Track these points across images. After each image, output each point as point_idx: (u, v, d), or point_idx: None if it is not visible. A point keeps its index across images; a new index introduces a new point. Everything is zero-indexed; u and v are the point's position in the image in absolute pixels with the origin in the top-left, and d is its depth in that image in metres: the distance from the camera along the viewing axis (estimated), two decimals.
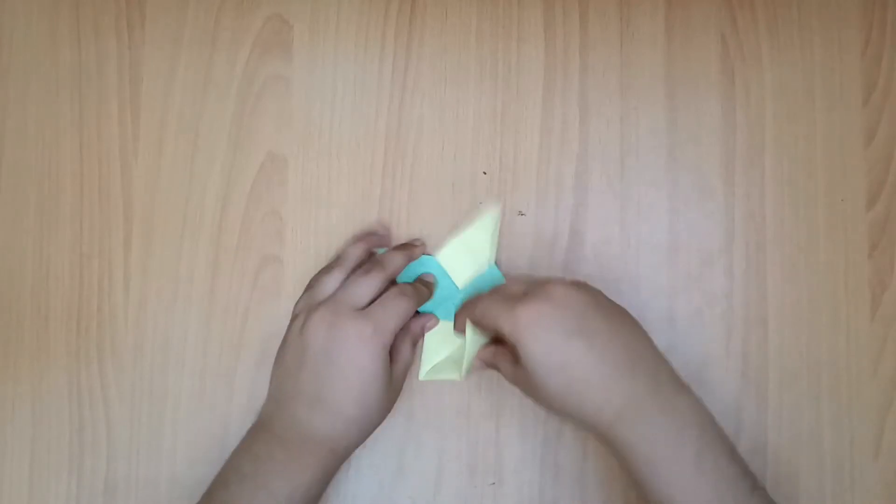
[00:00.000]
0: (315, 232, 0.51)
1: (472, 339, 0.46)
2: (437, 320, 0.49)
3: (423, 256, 0.50)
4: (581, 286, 0.42)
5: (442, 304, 0.49)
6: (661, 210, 0.51)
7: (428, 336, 0.49)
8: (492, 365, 0.46)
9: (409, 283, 0.47)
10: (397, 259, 0.47)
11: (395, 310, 0.44)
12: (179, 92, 0.52)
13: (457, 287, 0.49)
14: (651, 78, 0.52)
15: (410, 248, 0.49)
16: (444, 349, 0.49)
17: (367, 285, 0.44)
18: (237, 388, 0.50)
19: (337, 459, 0.44)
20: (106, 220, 0.51)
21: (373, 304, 0.44)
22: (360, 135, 0.52)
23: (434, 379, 0.49)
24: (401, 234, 0.51)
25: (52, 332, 0.51)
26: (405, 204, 0.51)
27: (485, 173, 0.52)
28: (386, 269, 0.46)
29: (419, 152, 0.52)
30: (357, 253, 0.48)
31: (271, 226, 0.51)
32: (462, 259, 0.50)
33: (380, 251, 0.50)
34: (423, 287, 0.48)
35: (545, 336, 0.40)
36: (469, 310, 0.45)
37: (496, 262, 0.50)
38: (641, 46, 0.52)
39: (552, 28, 0.52)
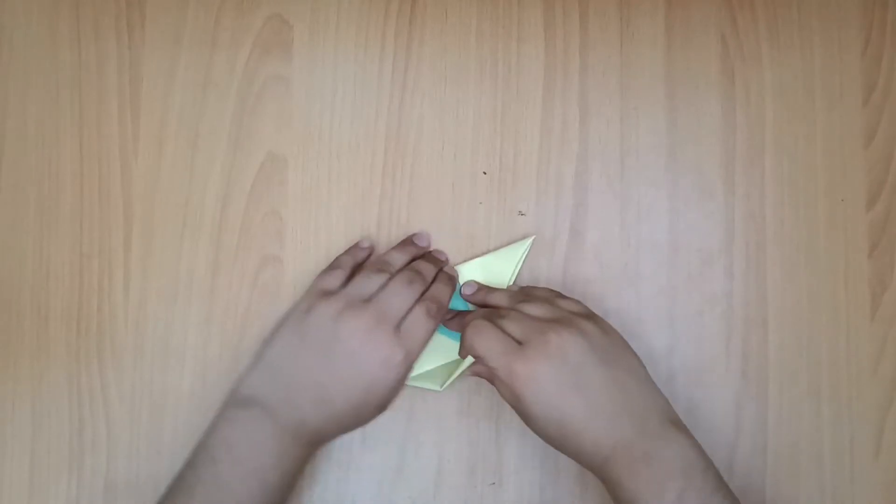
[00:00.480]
0: (315, 232, 0.51)
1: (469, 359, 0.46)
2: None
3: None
4: (578, 329, 0.42)
5: (448, 319, 0.49)
6: (661, 210, 0.51)
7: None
8: (489, 380, 0.45)
9: (435, 301, 0.46)
10: (432, 271, 0.48)
11: (424, 334, 0.44)
12: (179, 92, 0.52)
13: (466, 306, 0.49)
14: (651, 78, 0.52)
15: (439, 262, 0.49)
16: (437, 359, 0.48)
17: (407, 298, 0.44)
18: None
19: (316, 450, 0.45)
20: (106, 220, 0.51)
21: (406, 325, 0.44)
22: (360, 135, 0.52)
23: (414, 385, 0.48)
24: (400, 234, 0.51)
25: (52, 332, 0.51)
26: (405, 204, 0.51)
27: (485, 173, 0.52)
28: (426, 281, 0.46)
29: (419, 152, 0.52)
30: (402, 260, 0.48)
31: (271, 226, 0.51)
32: (481, 279, 0.50)
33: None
34: (445, 297, 0.47)
35: (542, 393, 0.41)
36: (469, 343, 0.44)
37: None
38: (641, 46, 0.52)
39: (552, 28, 0.52)
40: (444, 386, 0.47)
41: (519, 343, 0.42)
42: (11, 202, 0.52)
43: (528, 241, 0.50)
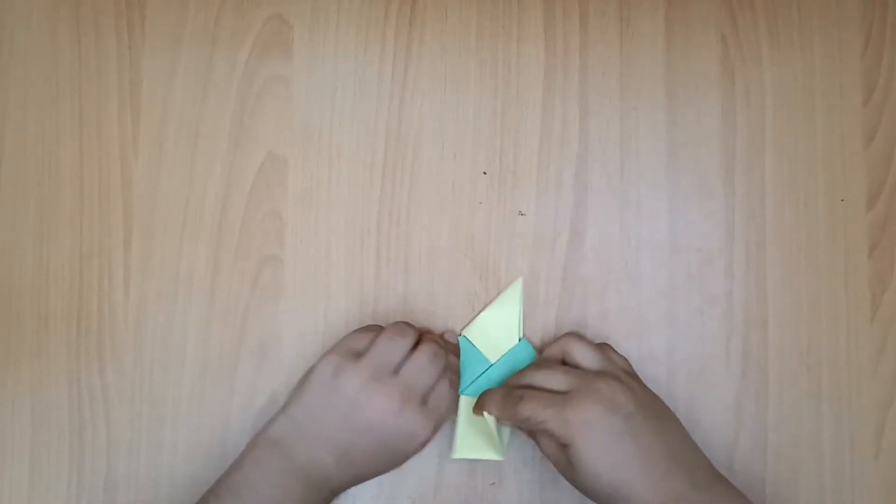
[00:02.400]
0: (315, 232, 0.51)
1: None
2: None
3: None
4: (623, 382, 0.43)
5: (475, 380, 0.49)
6: (661, 210, 0.51)
7: (462, 410, 0.48)
8: (532, 436, 0.45)
9: (455, 372, 0.47)
10: (441, 343, 0.47)
11: (448, 405, 0.45)
12: (179, 92, 0.52)
13: (489, 360, 0.49)
14: (651, 78, 0.52)
15: (440, 338, 0.49)
16: (479, 424, 0.48)
17: (433, 373, 0.44)
18: (237, 388, 0.50)
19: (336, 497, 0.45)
20: (106, 220, 0.51)
21: (433, 399, 0.44)
22: (360, 135, 0.52)
23: (471, 458, 0.48)
24: (400, 234, 0.51)
25: (52, 332, 0.51)
26: (405, 204, 0.51)
27: (485, 173, 0.52)
28: (449, 356, 0.46)
29: (419, 152, 0.52)
30: (414, 332, 0.46)
31: (271, 226, 0.51)
32: (491, 333, 0.50)
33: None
34: (458, 366, 0.48)
35: (597, 439, 0.40)
36: (513, 412, 0.43)
37: (525, 336, 0.50)
38: (641, 46, 0.52)
39: (552, 28, 0.52)
40: (504, 452, 0.48)
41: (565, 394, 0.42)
42: (11, 202, 0.52)
43: (519, 284, 0.50)
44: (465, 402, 0.48)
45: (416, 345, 0.45)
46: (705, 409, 0.49)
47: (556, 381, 0.43)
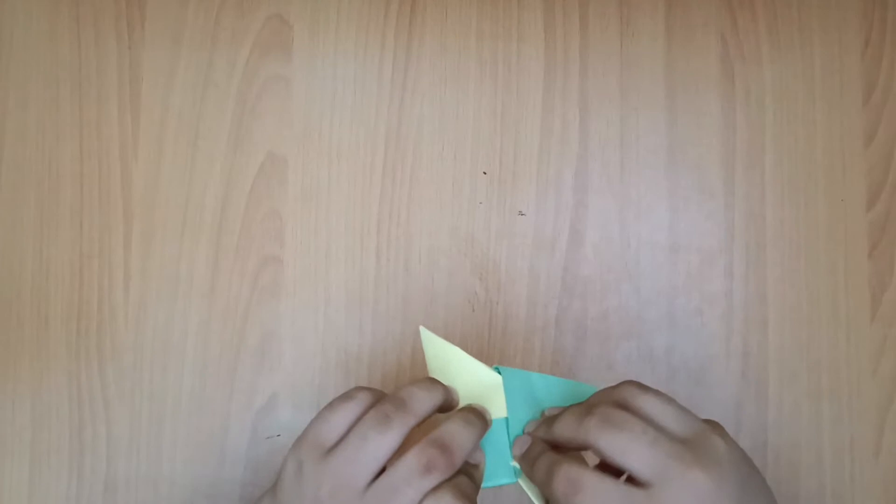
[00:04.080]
0: (315, 232, 0.51)
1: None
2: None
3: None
4: (725, 460, 0.32)
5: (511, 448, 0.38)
6: (661, 210, 0.51)
7: (527, 488, 0.37)
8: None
9: (461, 496, 0.33)
10: (467, 444, 0.35)
11: None
12: (179, 92, 0.52)
13: (502, 418, 0.38)
14: (651, 78, 0.52)
15: (481, 422, 0.37)
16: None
17: (419, 491, 0.33)
18: (237, 388, 0.50)
19: None
20: (106, 220, 0.51)
21: None
22: (360, 135, 0.52)
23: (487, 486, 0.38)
24: (400, 234, 0.51)
25: (52, 332, 0.51)
26: (405, 204, 0.51)
27: (485, 173, 0.52)
28: (454, 465, 0.34)
29: (419, 152, 0.52)
30: (424, 407, 0.35)
31: (271, 226, 0.51)
32: (472, 393, 0.38)
33: None
34: (474, 492, 0.36)
35: None
36: (570, 495, 0.32)
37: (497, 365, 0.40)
38: (641, 46, 0.52)
39: (552, 28, 0.52)
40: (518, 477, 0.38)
41: (644, 484, 0.31)
42: (11, 202, 0.52)
43: (426, 332, 0.40)
44: (525, 482, 0.37)
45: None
46: (705, 409, 0.49)
47: (639, 458, 0.32)
